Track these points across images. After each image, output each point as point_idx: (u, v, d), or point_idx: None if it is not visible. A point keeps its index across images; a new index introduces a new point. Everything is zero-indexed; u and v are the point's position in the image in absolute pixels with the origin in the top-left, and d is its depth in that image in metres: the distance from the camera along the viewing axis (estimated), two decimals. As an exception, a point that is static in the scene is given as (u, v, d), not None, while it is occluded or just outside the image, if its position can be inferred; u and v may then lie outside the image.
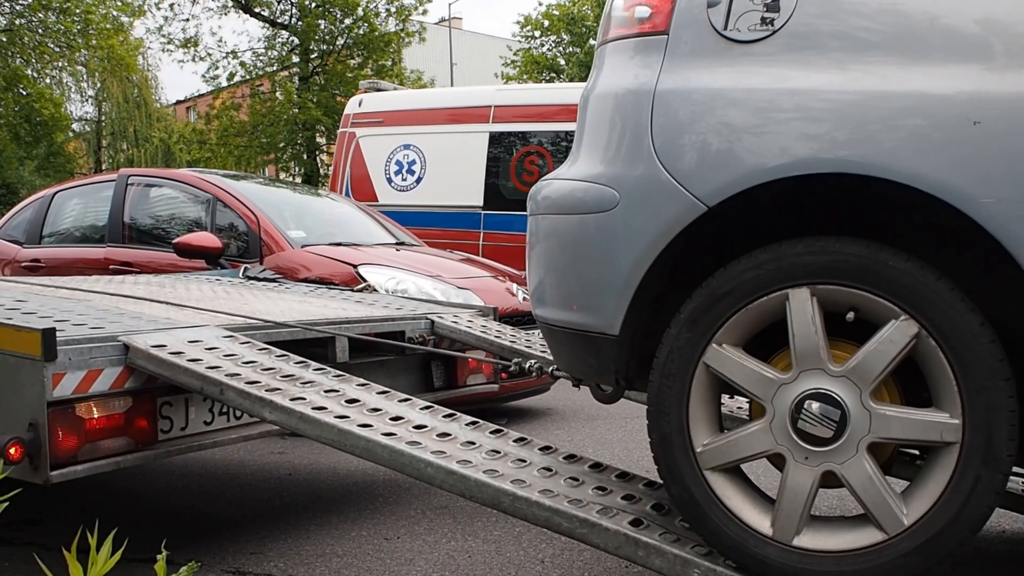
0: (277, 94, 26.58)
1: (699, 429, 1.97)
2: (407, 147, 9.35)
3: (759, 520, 1.93)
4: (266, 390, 2.45)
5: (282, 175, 26.72)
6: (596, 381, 2.38)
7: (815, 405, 1.84)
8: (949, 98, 1.75)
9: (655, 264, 1.99)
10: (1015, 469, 2.68)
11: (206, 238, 5.53)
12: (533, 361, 3.20)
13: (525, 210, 2.41)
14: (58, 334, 2.44)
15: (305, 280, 5.13)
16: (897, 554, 1.79)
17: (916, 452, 2.54)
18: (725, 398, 2.36)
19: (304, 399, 2.44)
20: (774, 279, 1.88)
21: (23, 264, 6.57)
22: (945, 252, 1.89)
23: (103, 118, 33.47)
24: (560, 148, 8.61)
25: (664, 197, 1.95)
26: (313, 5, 25.06)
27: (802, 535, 1.88)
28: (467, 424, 2.51)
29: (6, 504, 1.36)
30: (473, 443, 2.36)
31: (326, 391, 2.54)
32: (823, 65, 1.87)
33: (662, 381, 1.98)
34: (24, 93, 23.24)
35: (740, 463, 1.98)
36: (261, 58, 26.59)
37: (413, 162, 9.29)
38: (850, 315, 1.88)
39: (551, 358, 2.93)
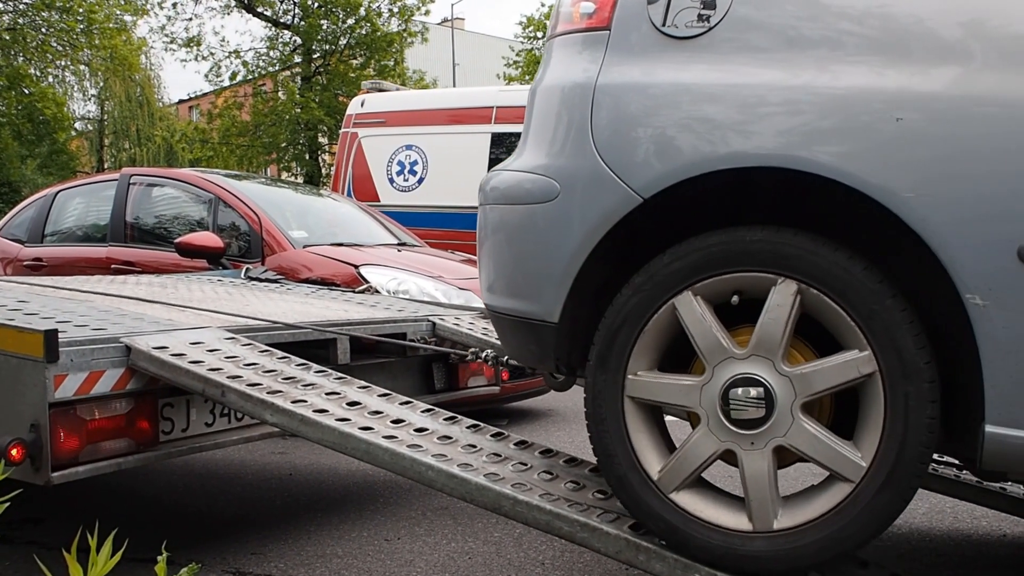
0: (279, 94, 26.63)
1: (649, 458, 2.00)
2: (409, 147, 9.35)
3: (737, 519, 1.94)
4: (267, 392, 2.46)
5: (284, 175, 26.74)
6: (539, 367, 2.42)
7: (738, 391, 1.88)
8: (874, 94, 1.79)
9: (595, 254, 2.03)
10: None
11: (208, 238, 5.53)
12: (489, 351, 3.26)
13: None
14: (60, 335, 2.44)
15: (307, 280, 5.14)
16: (870, 497, 1.82)
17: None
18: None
19: (305, 402, 2.44)
20: (655, 295, 1.94)
21: (25, 263, 6.58)
22: (875, 242, 1.92)
23: (106, 117, 33.50)
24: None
25: (602, 188, 2.01)
26: (316, 5, 25.07)
27: (780, 517, 1.91)
28: (468, 427, 2.51)
29: (7, 504, 1.36)
30: (474, 446, 2.36)
31: (327, 394, 2.54)
32: (754, 62, 1.92)
33: (598, 428, 2.03)
34: (27, 92, 23.25)
35: (698, 474, 1.99)
36: (263, 58, 26.63)
37: (415, 162, 9.29)
38: (734, 299, 1.94)
39: None
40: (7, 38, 23.24)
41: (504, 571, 2.93)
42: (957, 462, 3.05)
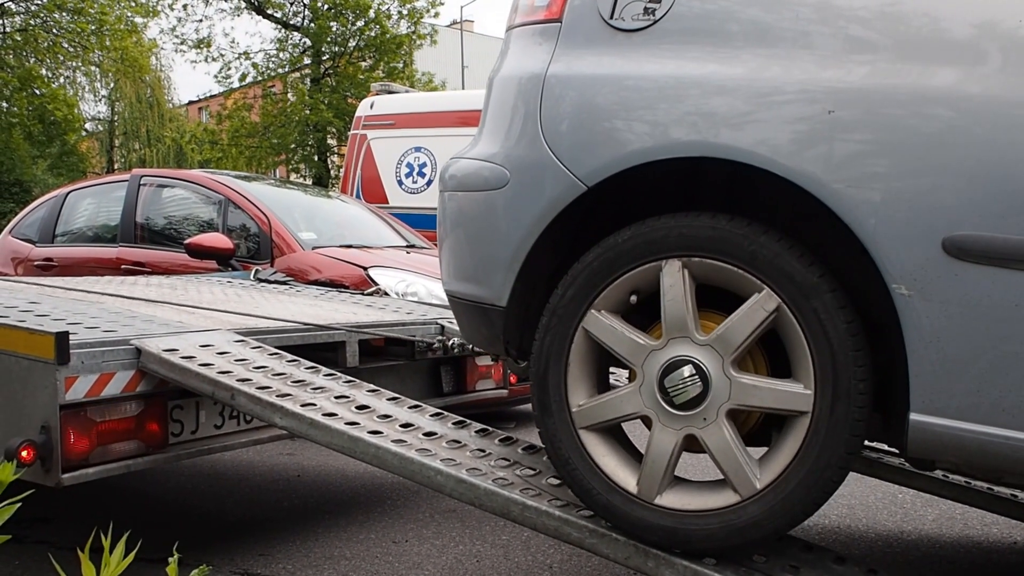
0: (289, 95, 26.67)
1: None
2: (418, 149, 9.34)
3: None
4: (277, 396, 2.46)
5: (293, 176, 26.77)
6: (491, 351, 2.47)
7: (672, 378, 1.91)
8: (808, 87, 1.82)
9: (544, 240, 2.08)
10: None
11: (217, 239, 5.54)
12: (456, 339, 3.29)
13: None
14: (71, 337, 2.45)
15: (315, 282, 5.14)
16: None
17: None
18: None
19: (315, 405, 2.44)
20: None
21: (36, 263, 6.60)
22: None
23: (116, 118, 33.64)
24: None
25: (548, 176, 2.05)
26: (325, 7, 25.11)
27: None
28: (477, 432, 2.51)
29: (18, 505, 1.37)
30: (483, 451, 2.36)
31: (336, 397, 2.55)
32: (695, 54, 1.96)
33: (567, 469, 2.05)
34: (38, 93, 23.34)
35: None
36: (273, 59, 26.68)
37: (424, 164, 9.29)
38: (633, 298, 2.00)
39: None
40: (19, 39, 23.35)
41: (512, 574, 2.93)
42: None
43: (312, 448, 4.76)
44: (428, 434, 2.40)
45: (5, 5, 23.12)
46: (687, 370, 1.90)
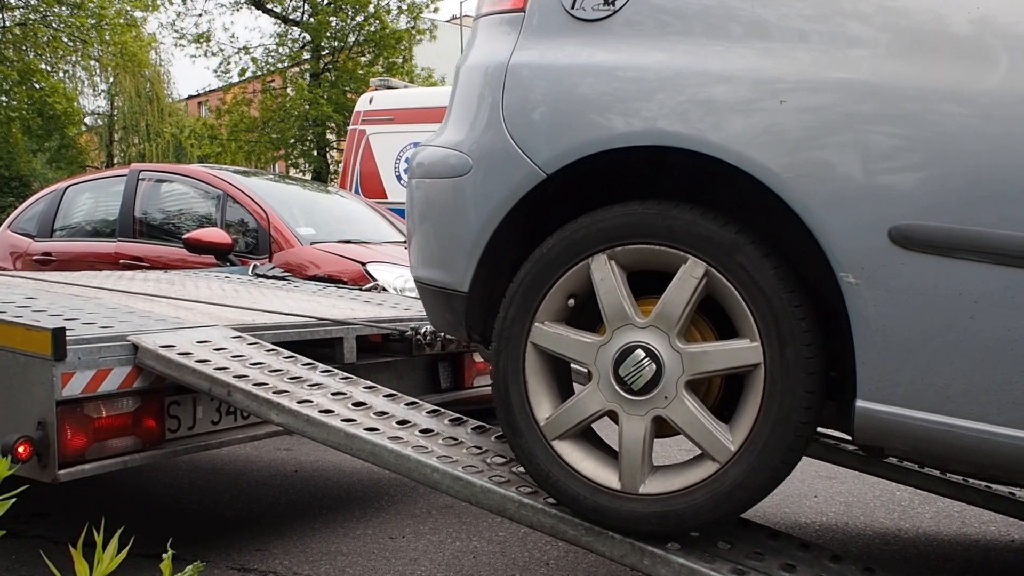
0: (288, 90, 26.60)
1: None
2: (417, 145, 9.29)
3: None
4: (273, 392, 2.46)
5: (292, 171, 26.73)
6: (454, 335, 2.49)
7: (631, 357, 1.93)
8: (760, 77, 1.84)
9: (507, 227, 2.11)
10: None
11: (216, 234, 5.54)
12: (428, 327, 3.32)
13: None
14: (68, 333, 2.45)
15: (314, 277, 5.14)
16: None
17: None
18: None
19: (311, 402, 2.44)
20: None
21: (35, 257, 6.60)
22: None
23: (115, 112, 33.61)
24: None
25: (509, 164, 2.08)
26: (325, 2, 25.05)
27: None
28: (474, 429, 2.50)
29: (14, 500, 1.37)
30: (480, 448, 2.36)
31: (333, 394, 2.54)
32: (651, 44, 1.99)
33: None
34: (38, 87, 23.31)
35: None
36: (272, 54, 26.59)
37: (423, 160, 9.28)
38: (571, 302, 2.04)
39: None
40: (18, 33, 23.31)
41: (509, 571, 2.93)
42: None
43: (309, 444, 4.76)
44: (425, 431, 2.40)
45: (4, -1, 23.11)
46: (637, 354, 1.92)
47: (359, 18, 25.29)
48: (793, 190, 1.77)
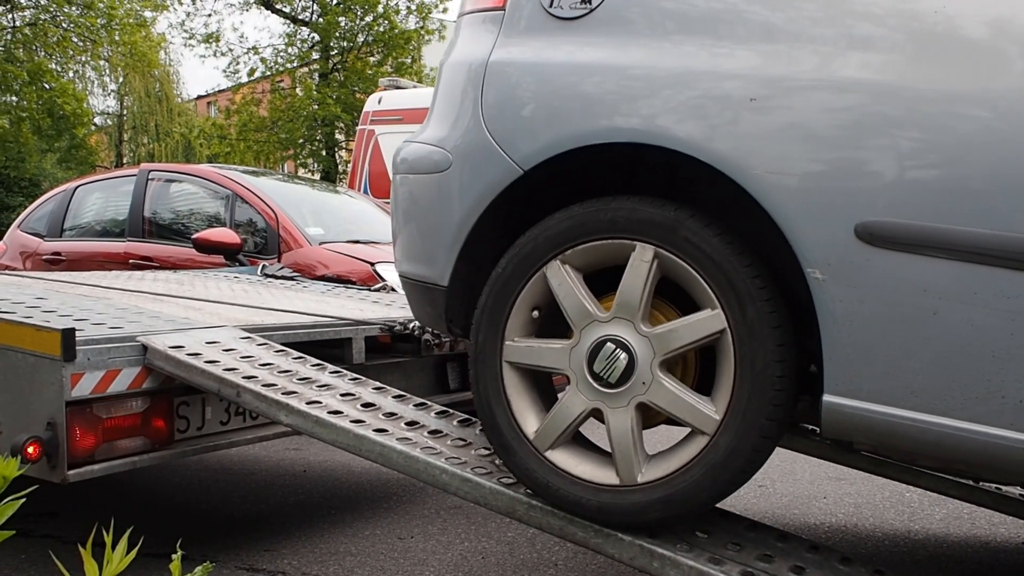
0: (297, 90, 26.63)
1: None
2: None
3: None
4: (282, 393, 2.46)
5: (301, 171, 26.76)
6: (435, 329, 2.53)
7: (602, 351, 1.96)
8: (732, 75, 1.87)
9: (487, 223, 2.14)
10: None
11: (225, 234, 5.55)
12: (416, 323, 3.34)
13: None
14: (77, 334, 2.45)
15: (323, 277, 5.15)
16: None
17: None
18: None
19: (320, 403, 2.44)
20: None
21: (44, 257, 6.62)
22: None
23: (125, 112, 33.72)
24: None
25: (487, 160, 2.12)
26: (334, 2, 25.07)
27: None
28: (482, 430, 2.50)
29: (22, 501, 1.37)
30: (489, 449, 2.35)
31: (342, 395, 2.54)
32: (626, 42, 2.01)
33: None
34: (47, 87, 23.38)
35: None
36: (282, 54, 26.62)
37: (432, 160, 9.28)
38: (535, 313, 2.07)
39: None
40: (28, 33, 23.40)
41: (517, 571, 2.92)
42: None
43: (318, 444, 4.76)
44: (433, 432, 2.40)
45: (15, -1, 23.20)
46: (607, 348, 1.95)
47: (368, 18, 25.30)
48: (762, 187, 1.80)
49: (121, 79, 30.23)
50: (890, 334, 1.71)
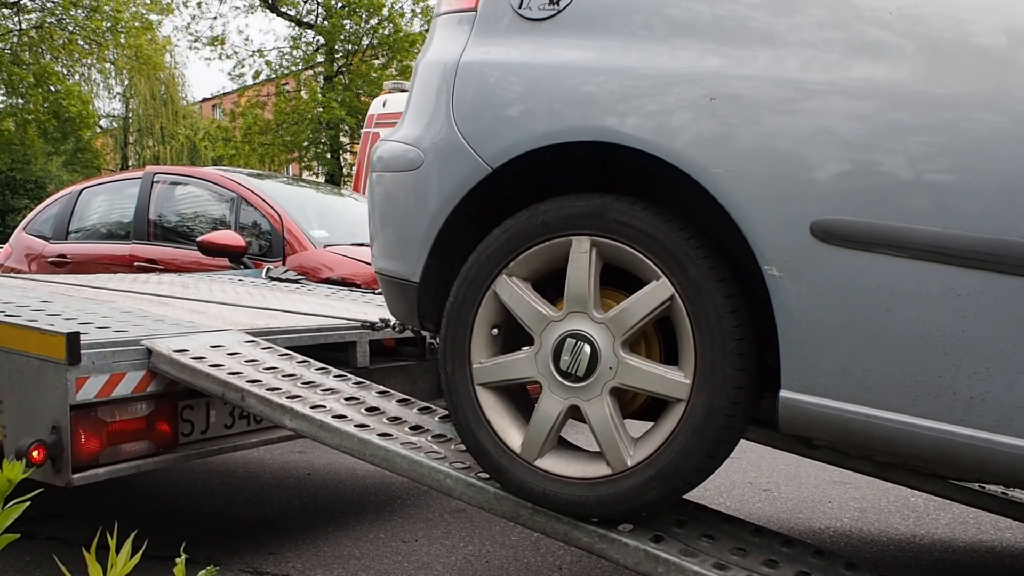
0: (302, 93, 26.67)
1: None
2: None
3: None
4: (287, 397, 2.46)
5: (305, 174, 26.79)
6: (409, 324, 2.56)
7: (573, 343, 1.99)
8: (692, 76, 1.90)
9: (458, 220, 2.18)
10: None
11: (230, 236, 5.56)
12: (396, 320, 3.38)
13: None
14: (82, 338, 2.45)
15: (327, 280, 5.15)
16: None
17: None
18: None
19: (324, 407, 2.44)
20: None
21: (49, 259, 6.64)
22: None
23: (130, 115, 33.82)
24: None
25: (457, 158, 2.17)
26: (339, 5, 25.11)
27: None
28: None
29: (26, 504, 1.37)
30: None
31: (346, 399, 2.54)
32: (592, 42, 2.05)
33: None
34: (53, 90, 23.46)
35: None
36: (286, 57, 26.67)
37: (436, 163, 9.28)
38: (494, 331, 2.12)
39: None
40: (35, 36, 23.46)
41: (521, 575, 2.92)
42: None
43: (322, 447, 4.76)
44: (438, 436, 2.39)
45: (21, 2, 23.25)
46: (568, 343, 1.99)
47: (373, 21, 25.34)
48: (720, 185, 1.83)
49: (126, 82, 30.35)
50: (844, 331, 1.74)
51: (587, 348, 1.97)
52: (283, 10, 26.09)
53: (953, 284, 1.64)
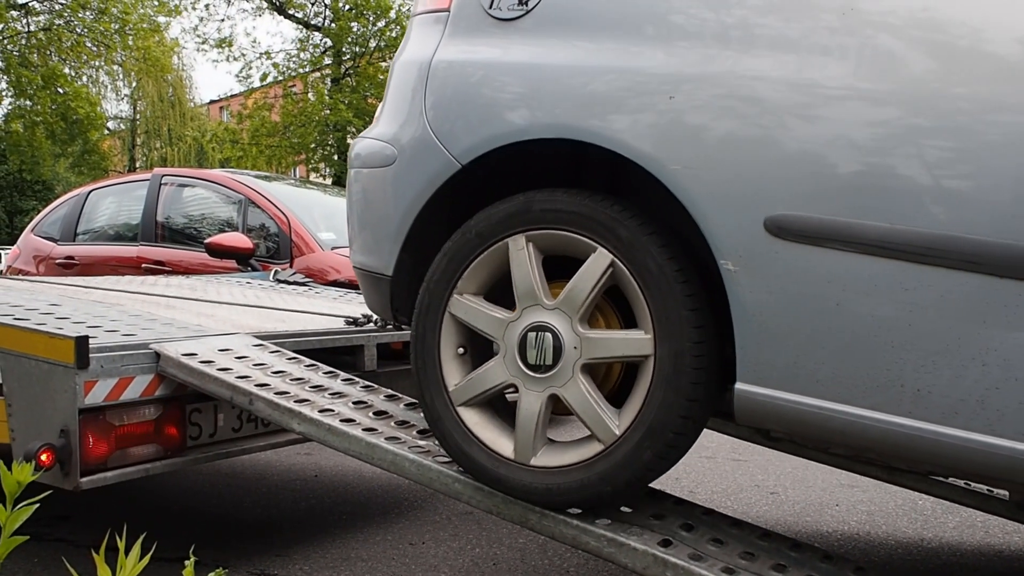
0: (309, 95, 26.72)
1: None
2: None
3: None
4: (295, 401, 2.46)
5: (312, 176, 26.85)
6: (383, 317, 2.61)
7: (535, 336, 2.04)
8: (654, 74, 1.94)
9: (430, 215, 2.23)
10: None
11: (237, 238, 5.57)
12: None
13: None
14: (91, 341, 2.46)
15: (334, 282, 5.16)
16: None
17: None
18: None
19: (333, 411, 2.44)
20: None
21: (57, 261, 6.66)
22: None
23: (138, 117, 33.96)
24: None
25: (428, 155, 2.22)
26: (346, 8, 25.17)
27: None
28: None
29: (35, 507, 1.38)
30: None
31: (354, 403, 2.55)
32: (559, 42, 2.10)
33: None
34: (61, 92, 23.55)
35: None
36: (294, 59, 26.74)
37: (443, 165, 9.29)
38: (460, 350, 2.17)
39: None
40: (43, 38, 23.57)
41: (528, 580, 2.92)
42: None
43: (329, 449, 4.77)
44: (445, 440, 2.39)
45: (29, 4, 23.36)
46: (530, 337, 2.04)
47: (380, 23, 25.39)
48: (678, 181, 1.86)
49: (134, 84, 30.46)
50: (797, 324, 1.76)
51: (548, 336, 2.01)
52: (291, 12, 26.15)
53: (901, 278, 1.67)
